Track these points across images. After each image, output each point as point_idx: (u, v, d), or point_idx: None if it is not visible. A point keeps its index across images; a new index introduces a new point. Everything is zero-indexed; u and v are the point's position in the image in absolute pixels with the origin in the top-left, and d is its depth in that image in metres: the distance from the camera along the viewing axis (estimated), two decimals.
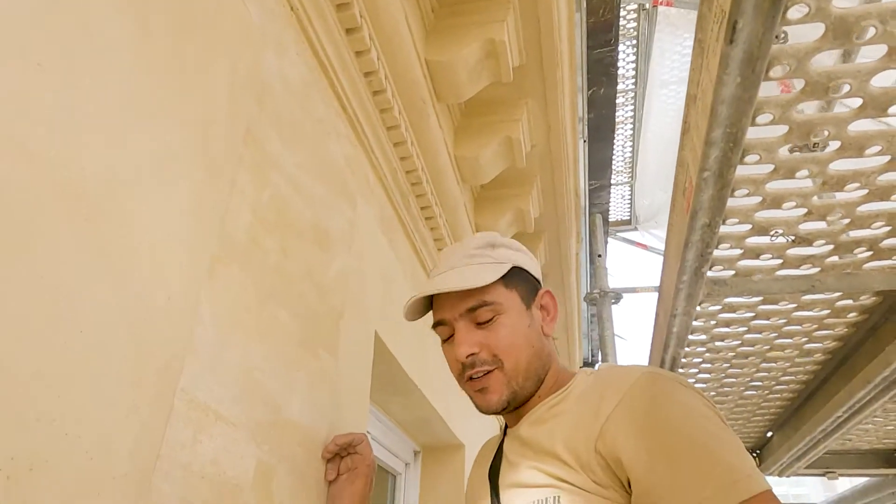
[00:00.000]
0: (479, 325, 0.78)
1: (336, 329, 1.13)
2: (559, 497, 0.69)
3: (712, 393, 1.14)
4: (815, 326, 0.86)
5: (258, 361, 0.82)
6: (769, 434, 1.39)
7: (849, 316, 0.81)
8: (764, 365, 1.01)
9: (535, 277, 0.83)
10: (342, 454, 0.98)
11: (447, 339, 0.81)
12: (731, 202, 0.59)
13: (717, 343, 0.91)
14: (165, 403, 0.60)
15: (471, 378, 0.77)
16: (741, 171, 0.54)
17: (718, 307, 0.82)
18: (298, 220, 0.96)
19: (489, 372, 0.76)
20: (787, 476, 1.50)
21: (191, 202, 0.65)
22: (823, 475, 1.50)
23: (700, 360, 0.99)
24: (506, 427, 0.85)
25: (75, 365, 0.48)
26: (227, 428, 0.73)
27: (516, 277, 0.80)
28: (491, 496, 0.78)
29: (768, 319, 0.83)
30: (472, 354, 0.76)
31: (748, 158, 0.52)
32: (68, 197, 0.48)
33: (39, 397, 0.44)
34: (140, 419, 0.56)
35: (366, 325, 1.30)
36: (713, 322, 0.86)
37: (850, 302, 0.79)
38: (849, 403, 0.95)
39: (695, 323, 0.86)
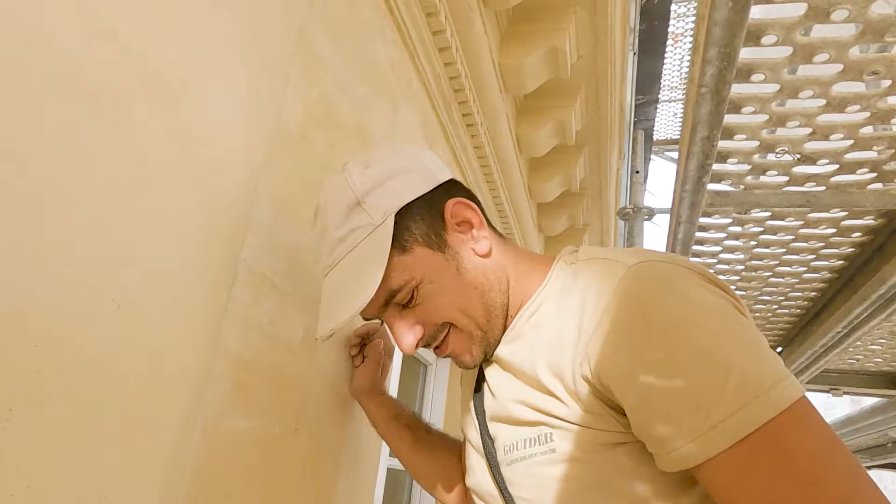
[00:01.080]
0: (405, 311, 0.65)
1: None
2: (551, 434, 0.60)
3: None
4: (822, 245, 0.91)
5: (306, 243, 0.93)
6: (779, 349, 1.46)
7: (853, 236, 0.86)
8: (773, 280, 1.07)
9: (428, 193, 0.66)
10: (364, 342, 1.01)
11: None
12: (738, 119, 0.63)
13: (727, 255, 0.98)
14: (231, 267, 0.72)
15: (435, 349, 0.68)
16: (749, 88, 0.58)
17: (728, 220, 0.87)
18: (344, 118, 1.04)
19: (445, 338, 0.65)
20: None
21: (249, 93, 0.74)
22: (828, 392, 1.58)
23: (712, 272, 1.06)
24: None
25: (162, 222, 0.59)
26: (281, 296, 0.86)
27: (407, 226, 0.64)
28: (480, 432, 0.69)
29: (776, 235, 0.89)
30: (420, 338, 0.64)
31: (754, 77, 0.56)
32: (152, 83, 0.57)
33: (135, 240, 0.56)
34: (212, 277, 0.68)
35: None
36: (723, 235, 0.92)
37: (854, 222, 0.83)
38: (847, 319, 1.01)
39: (705, 234, 0.92)
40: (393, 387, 1.91)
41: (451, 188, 0.67)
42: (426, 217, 0.65)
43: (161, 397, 0.60)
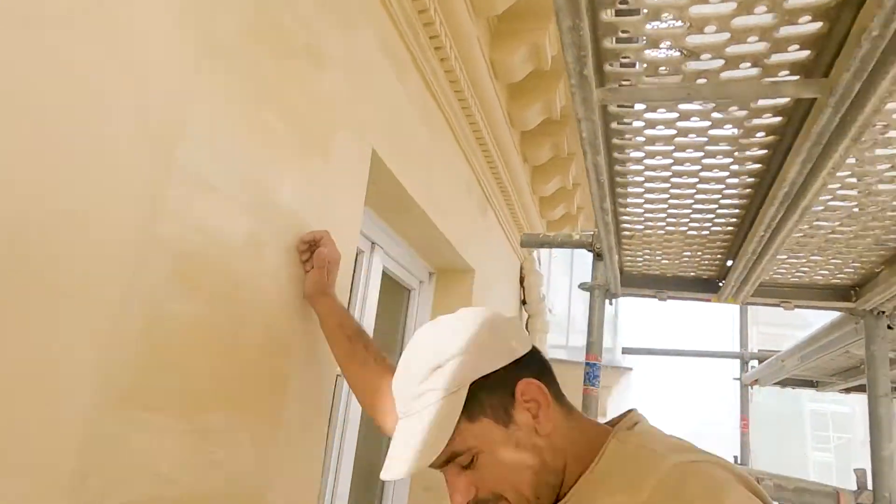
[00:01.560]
0: (463, 473, 0.71)
1: (329, 140, 1.28)
2: None
3: (663, 216, 1.27)
4: (734, 147, 0.95)
5: (249, 151, 0.99)
6: (729, 263, 1.52)
7: (757, 136, 0.90)
8: (701, 186, 1.12)
9: (503, 369, 0.72)
10: (311, 249, 1.14)
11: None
12: (616, 17, 0.68)
13: (650, 161, 1.03)
14: (165, 165, 0.79)
15: None
16: None
17: (642, 123, 0.92)
18: (289, 35, 1.07)
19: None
20: (745, 304, 1.66)
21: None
22: (779, 305, 1.65)
23: (642, 178, 1.11)
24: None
25: (95, 122, 0.66)
26: (221, 197, 0.92)
27: (479, 397, 0.71)
28: None
29: (686, 137, 0.93)
30: (473, 498, 0.70)
31: None
32: None
33: (75, 135, 0.63)
34: (145, 172, 0.75)
35: (362, 142, 1.45)
36: (642, 139, 0.97)
37: (759, 121, 0.87)
38: (765, 223, 1.07)
39: (621, 141, 0.97)
40: (373, 312, 1.99)
41: (528, 364, 0.73)
42: (497, 392, 0.71)
43: (98, 278, 0.69)
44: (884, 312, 1.59)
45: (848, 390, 3.47)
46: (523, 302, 3.88)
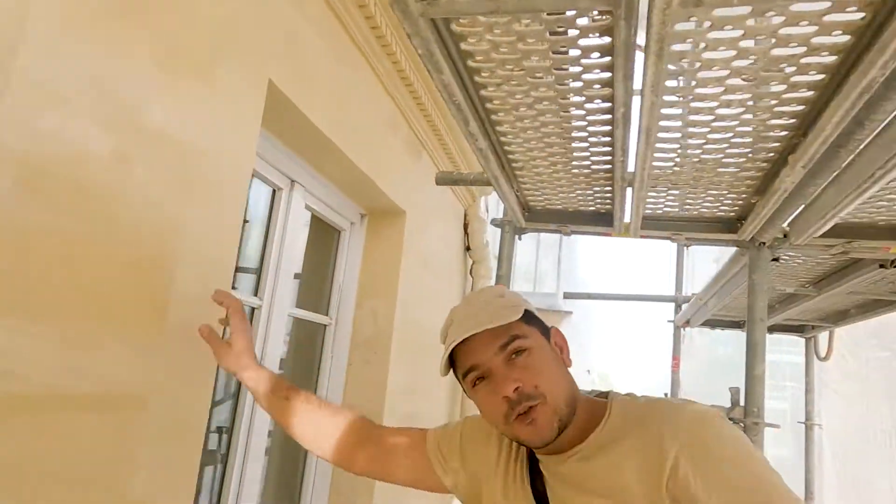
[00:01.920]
0: (514, 362, 0.84)
1: (212, 66, 1.28)
2: None
3: (543, 147, 1.32)
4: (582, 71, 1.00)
5: (109, 67, 1.00)
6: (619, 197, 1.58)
7: (592, 56, 0.95)
8: (572, 113, 1.17)
9: (542, 321, 0.93)
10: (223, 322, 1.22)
11: (476, 384, 0.87)
12: None
13: (517, 87, 1.07)
14: (3, 70, 0.80)
15: (518, 415, 0.83)
16: None
17: (487, 46, 0.95)
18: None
19: (534, 406, 0.82)
20: (639, 237, 1.74)
21: None
22: (670, 238, 1.73)
23: (509, 105, 1.15)
24: (530, 451, 0.94)
25: None
26: (74, 110, 0.93)
27: (531, 318, 0.90)
28: None
29: (535, 60, 0.97)
30: (517, 389, 0.82)
31: None
32: None
33: None
34: None
35: (256, 71, 1.45)
36: (493, 64, 1.00)
37: (586, 41, 0.92)
38: (630, 156, 1.13)
39: (475, 63, 1.00)
40: (295, 251, 1.96)
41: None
42: (541, 325, 0.92)
43: None
44: (764, 243, 1.69)
45: (770, 329, 3.66)
46: (467, 248, 3.94)
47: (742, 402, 1.66)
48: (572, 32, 0.90)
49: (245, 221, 2.08)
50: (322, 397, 1.24)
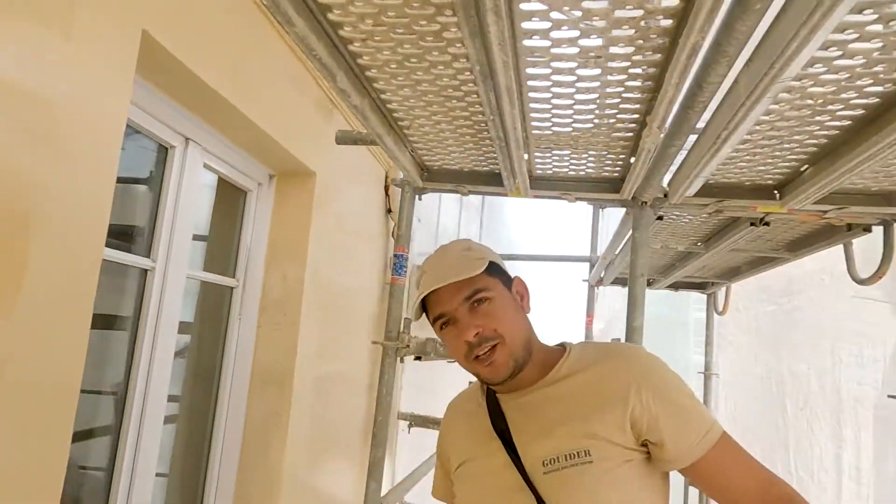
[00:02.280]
0: (476, 309, 0.99)
1: (68, 14, 1.21)
2: (589, 450, 0.93)
3: (424, 105, 1.32)
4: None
5: None
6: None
7: (446, 12, 0.96)
8: (440, 72, 1.17)
9: (505, 271, 1.08)
10: None
11: (444, 328, 1.04)
12: None
13: (385, 44, 1.06)
14: None
15: (477, 357, 0.99)
16: None
17: None
18: None
19: (493, 347, 0.98)
20: (533, 197, 1.79)
21: None
22: (561, 197, 1.79)
23: (380, 61, 1.14)
24: (492, 393, 1.08)
25: None
26: None
27: (494, 269, 1.04)
28: (505, 447, 1.00)
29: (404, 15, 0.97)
30: (478, 333, 0.97)
31: None
32: None
33: None
34: None
35: (125, 20, 1.38)
36: (353, 18, 0.99)
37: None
38: (504, 118, 1.15)
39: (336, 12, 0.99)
40: (193, 212, 1.90)
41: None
42: (504, 276, 1.07)
43: None
44: (646, 202, 1.78)
45: (676, 286, 3.88)
46: (388, 210, 3.94)
47: None
48: None
49: (136, 181, 2.01)
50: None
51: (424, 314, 1.07)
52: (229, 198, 2.47)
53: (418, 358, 1.94)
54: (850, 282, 2.02)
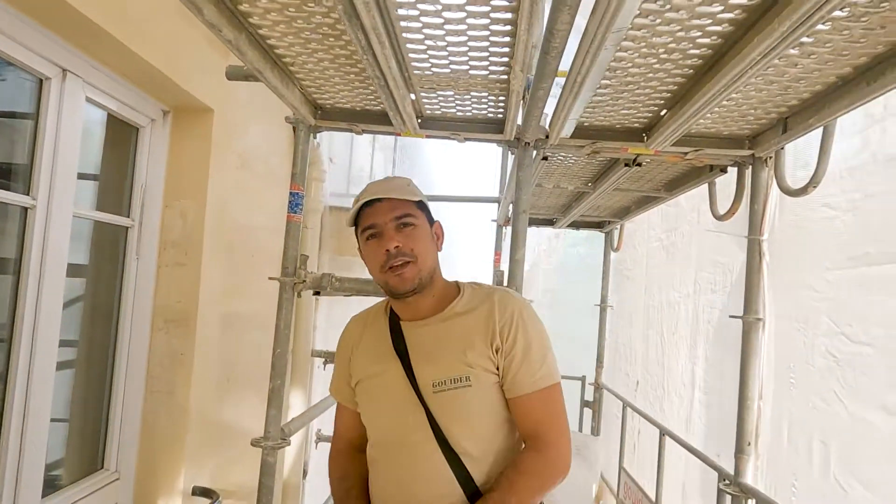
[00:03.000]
0: (402, 230, 1.20)
1: None
2: (469, 377, 1.16)
3: (291, 41, 1.33)
4: None
5: None
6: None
7: None
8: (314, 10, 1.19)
9: (430, 213, 1.32)
10: None
11: (369, 240, 1.22)
12: None
13: None
14: None
15: (391, 267, 1.18)
16: None
17: None
18: None
19: (406, 263, 1.18)
20: (425, 137, 1.85)
21: None
22: (451, 138, 1.86)
23: None
24: (395, 318, 1.29)
25: None
26: None
27: (424, 207, 1.28)
28: (403, 368, 1.20)
29: None
30: (398, 247, 1.18)
31: None
32: None
33: None
34: None
35: None
36: None
37: None
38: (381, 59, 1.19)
39: None
40: (75, 148, 1.77)
41: None
42: (429, 215, 1.31)
43: None
44: (529, 143, 1.89)
45: (576, 225, 4.12)
46: None
47: (506, 283, 1.91)
48: None
49: (13, 116, 1.90)
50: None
51: (355, 226, 1.27)
52: (120, 134, 2.38)
53: (317, 293, 2.01)
54: (713, 218, 2.24)
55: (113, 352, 2.38)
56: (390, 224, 1.20)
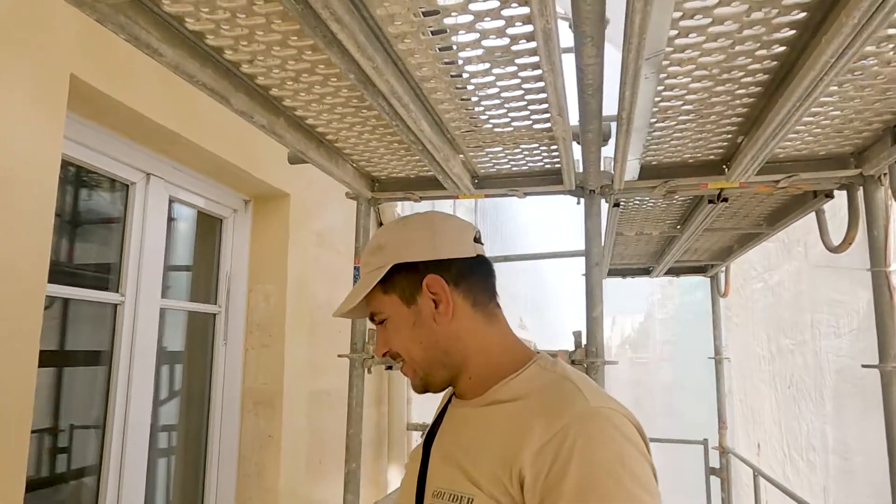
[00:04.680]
0: (381, 326, 0.93)
1: None
2: (473, 500, 0.78)
3: (339, 115, 1.34)
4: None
5: None
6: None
7: None
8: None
9: (423, 262, 0.88)
10: None
11: None
12: None
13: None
14: None
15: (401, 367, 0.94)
16: None
17: None
18: None
19: (403, 364, 0.94)
20: (482, 197, 1.79)
21: None
22: (507, 194, 1.78)
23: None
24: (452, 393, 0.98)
25: None
26: None
27: (395, 278, 0.89)
28: (422, 461, 0.92)
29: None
30: (386, 353, 0.93)
31: None
32: None
33: None
34: None
35: (49, 67, 1.43)
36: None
37: None
38: (407, 121, 1.16)
39: None
40: (161, 245, 1.88)
41: (450, 266, 0.89)
42: (410, 278, 0.89)
43: None
44: (594, 191, 1.76)
45: (676, 272, 3.81)
46: (380, 223, 3.98)
47: (584, 343, 1.74)
48: None
49: (107, 221, 2.07)
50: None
51: None
52: (206, 226, 2.53)
53: (389, 368, 1.95)
54: (824, 250, 1.95)
55: (206, 436, 2.44)
56: (376, 326, 0.95)
